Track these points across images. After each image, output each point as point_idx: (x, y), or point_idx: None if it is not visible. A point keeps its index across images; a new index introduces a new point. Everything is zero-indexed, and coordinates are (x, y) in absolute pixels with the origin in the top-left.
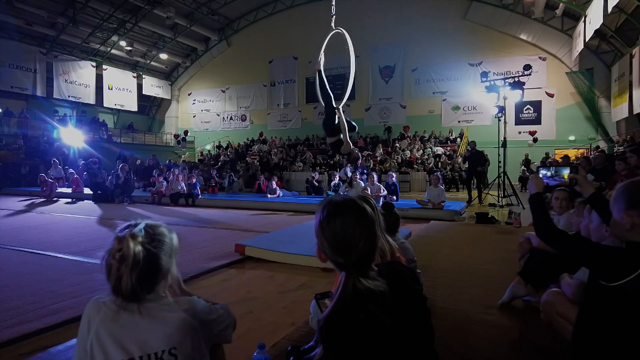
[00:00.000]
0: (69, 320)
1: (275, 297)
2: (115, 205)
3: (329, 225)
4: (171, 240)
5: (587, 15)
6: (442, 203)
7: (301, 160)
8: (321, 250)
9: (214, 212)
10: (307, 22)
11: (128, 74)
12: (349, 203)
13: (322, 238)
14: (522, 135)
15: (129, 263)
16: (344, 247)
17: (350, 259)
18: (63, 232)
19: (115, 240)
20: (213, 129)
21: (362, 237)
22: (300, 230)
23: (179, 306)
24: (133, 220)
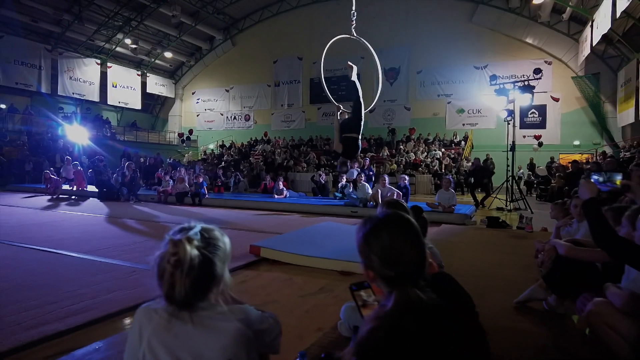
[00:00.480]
0: (91, 321)
1: (296, 300)
2: (121, 204)
3: (376, 239)
4: (225, 244)
5: (595, 20)
6: (453, 207)
7: (305, 161)
8: (368, 266)
9: (222, 212)
10: (312, 22)
11: (132, 72)
12: (392, 215)
13: (369, 254)
14: (527, 139)
15: (185, 268)
16: (393, 259)
17: (401, 271)
18: (71, 230)
19: (170, 244)
20: (216, 128)
21: (412, 248)
22: (315, 232)
23: (234, 315)
24: (187, 223)
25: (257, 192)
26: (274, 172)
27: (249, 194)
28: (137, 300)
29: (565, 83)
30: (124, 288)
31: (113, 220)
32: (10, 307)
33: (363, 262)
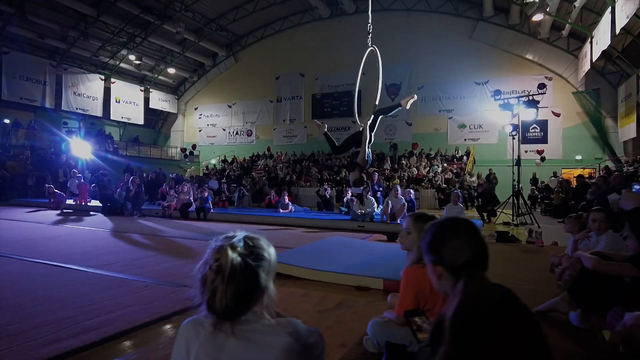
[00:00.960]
0: (107, 338)
1: (315, 316)
2: (126, 218)
3: (443, 231)
4: (270, 255)
5: (594, 37)
6: None
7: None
8: (437, 262)
9: (227, 227)
10: (314, 39)
11: (136, 87)
12: (453, 217)
13: (439, 247)
14: (529, 154)
15: (226, 275)
16: (462, 248)
17: (469, 259)
18: (80, 245)
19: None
20: (218, 143)
21: (476, 239)
22: (327, 247)
23: (282, 329)
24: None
25: (260, 207)
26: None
27: (253, 209)
28: (153, 315)
29: (566, 98)
30: (138, 303)
31: (119, 234)
32: (25, 323)
33: (431, 260)
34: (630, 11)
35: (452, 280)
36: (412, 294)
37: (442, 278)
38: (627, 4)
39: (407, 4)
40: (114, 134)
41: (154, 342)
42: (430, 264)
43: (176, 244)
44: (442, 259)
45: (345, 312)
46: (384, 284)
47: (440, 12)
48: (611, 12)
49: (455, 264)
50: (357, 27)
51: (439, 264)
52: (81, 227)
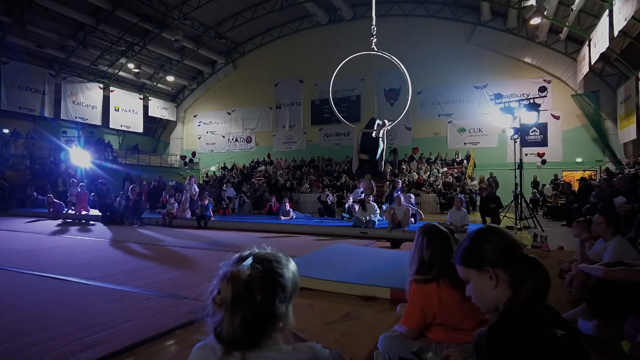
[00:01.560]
0: (110, 354)
1: (322, 328)
2: (126, 228)
3: (493, 237)
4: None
5: (592, 39)
6: (466, 226)
7: (308, 182)
8: (493, 271)
9: (229, 235)
10: (312, 46)
11: (135, 95)
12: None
13: (488, 254)
14: (530, 157)
15: (234, 305)
16: (513, 251)
17: (540, 272)
18: (80, 256)
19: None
20: (218, 150)
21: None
22: (330, 255)
23: (301, 355)
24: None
25: (261, 214)
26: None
27: (254, 216)
28: (155, 330)
29: (565, 101)
30: (140, 317)
31: (119, 245)
32: (26, 339)
33: (488, 270)
34: (627, 14)
35: (509, 291)
36: (418, 308)
37: (499, 286)
38: (624, 6)
39: (404, 9)
40: (113, 142)
41: (155, 359)
42: (486, 268)
43: (176, 254)
44: (509, 263)
45: (353, 323)
46: (391, 294)
47: (438, 17)
48: (609, 15)
49: (522, 274)
50: (355, 33)
51: (502, 267)
52: (81, 238)
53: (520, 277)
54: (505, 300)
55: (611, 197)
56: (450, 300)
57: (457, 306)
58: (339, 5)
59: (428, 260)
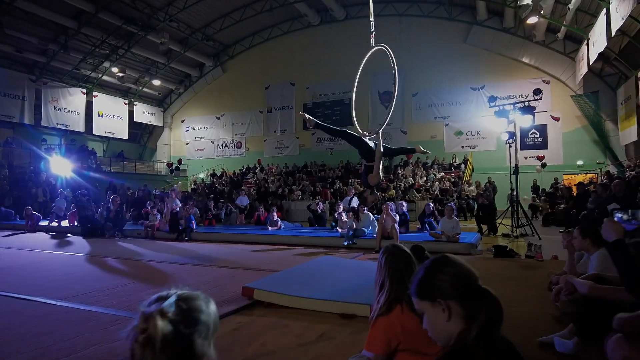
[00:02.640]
0: None
1: (296, 351)
2: (106, 240)
3: (447, 268)
4: (209, 316)
5: (590, 39)
6: (457, 235)
7: (300, 189)
8: (446, 303)
9: (212, 248)
10: (304, 47)
11: (119, 100)
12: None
13: (442, 286)
14: (529, 160)
15: (156, 348)
16: (467, 282)
17: (493, 302)
18: (51, 273)
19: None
20: (207, 156)
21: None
22: (313, 270)
23: None
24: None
25: (250, 224)
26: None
27: (242, 226)
28: (119, 356)
29: (565, 102)
30: (104, 341)
31: (96, 260)
32: None
33: (443, 295)
34: (624, 13)
35: (462, 325)
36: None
37: (452, 319)
38: (621, 5)
39: (398, 9)
40: (97, 149)
41: None
42: (439, 301)
43: (155, 270)
44: (462, 296)
45: (328, 345)
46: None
47: (432, 17)
48: (606, 14)
49: (475, 307)
50: (348, 34)
51: (455, 299)
52: (57, 253)
53: (473, 309)
54: (457, 334)
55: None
56: (413, 325)
57: (421, 331)
58: (331, 6)
59: (389, 283)
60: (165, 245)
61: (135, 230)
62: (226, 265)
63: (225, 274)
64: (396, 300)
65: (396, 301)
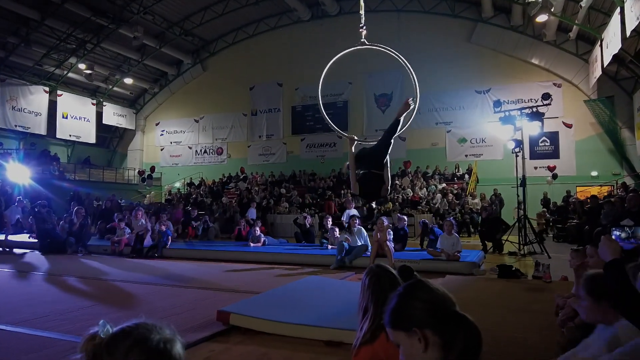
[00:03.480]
0: None
1: None
2: (68, 257)
3: (422, 294)
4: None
5: (604, 39)
6: (458, 254)
7: (287, 201)
8: (421, 332)
9: (186, 266)
10: (293, 45)
11: (86, 100)
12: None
13: (416, 313)
14: (539, 170)
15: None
16: (443, 309)
17: (472, 330)
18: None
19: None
20: (184, 163)
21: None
22: (297, 292)
23: None
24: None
25: (230, 239)
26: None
27: (221, 242)
28: None
29: (578, 107)
30: None
31: (55, 279)
32: None
33: (421, 325)
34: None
35: (439, 354)
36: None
37: (428, 350)
38: (636, 4)
39: (397, 4)
40: (60, 154)
41: None
42: (414, 330)
43: (122, 291)
44: (438, 323)
45: None
46: None
47: (434, 13)
48: (620, 13)
49: (452, 334)
50: (341, 31)
51: (431, 328)
52: (9, 271)
53: (450, 337)
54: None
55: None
56: (398, 352)
57: None
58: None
59: (373, 308)
60: (133, 263)
61: (101, 246)
62: (200, 285)
63: (199, 296)
64: (381, 327)
65: (381, 328)
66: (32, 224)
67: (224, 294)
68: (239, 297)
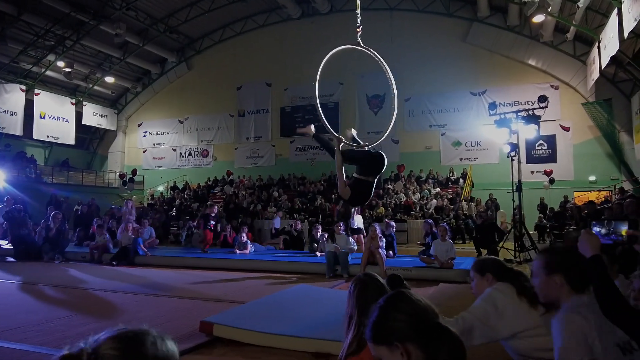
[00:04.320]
0: None
1: None
2: (44, 265)
3: (403, 305)
4: None
5: (602, 41)
6: (452, 260)
7: (275, 205)
8: (403, 347)
9: (170, 274)
10: (282, 43)
11: (65, 100)
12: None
13: (398, 326)
14: (536, 175)
15: None
16: (426, 321)
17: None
18: None
19: None
20: (167, 166)
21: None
22: (284, 301)
23: None
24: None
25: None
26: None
27: None
28: None
29: (575, 110)
30: None
31: (29, 287)
32: None
33: (405, 340)
34: (637, 13)
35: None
36: None
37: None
38: (634, 5)
39: (390, 2)
40: (37, 156)
41: None
42: (396, 344)
43: (100, 300)
44: (421, 336)
45: None
46: None
47: (428, 12)
48: (618, 14)
49: (435, 348)
50: (332, 29)
51: (413, 341)
52: None
53: (434, 351)
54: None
55: None
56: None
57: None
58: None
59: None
60: (114, 271)
61: (79, 253)
62: (183, 295)
63: (182, 306)
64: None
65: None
66: (6, 229)
67: (208, 303)
68: (223, 307)
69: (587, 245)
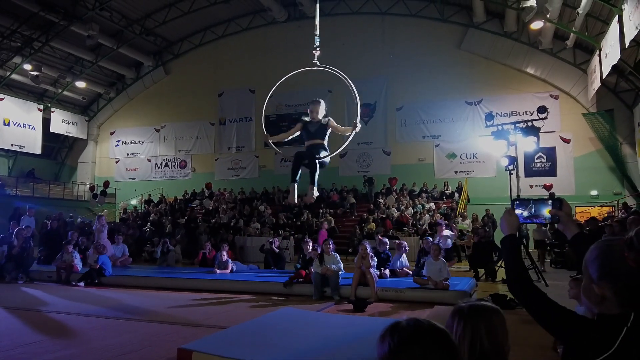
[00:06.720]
0: None
1: None
2: (5, 286)
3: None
4: None
5: (602, 49)
6: (446, 281)
7: (259, 221)
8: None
9: (144, 296)
10: (267, 48)
11: (32, 105)
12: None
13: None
14: (535, 189)
15: None
16: None
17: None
18: None
19: None
20: (141, 178)
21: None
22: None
23: None
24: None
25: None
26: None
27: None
28: None
29: (576, 121)
30: None
31: None
32: None
33: None
34: (639, 21)
35: None
36: None
37: None
38: (635, 12)
39: (381, 6)
40: (1, 166)
41: None
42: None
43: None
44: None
45: None
46: None
47: (421, 17)
48: (618, 22)
49: None
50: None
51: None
52: None
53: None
54: None
55: None
56: None
57: None
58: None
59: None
60: (83, 292)
61: (45, 271)
62: (159, 319)
63: (157, 331)
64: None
65: None
66: None
67: (186, 328)
68: (202, 333)
69: (505, 225)
